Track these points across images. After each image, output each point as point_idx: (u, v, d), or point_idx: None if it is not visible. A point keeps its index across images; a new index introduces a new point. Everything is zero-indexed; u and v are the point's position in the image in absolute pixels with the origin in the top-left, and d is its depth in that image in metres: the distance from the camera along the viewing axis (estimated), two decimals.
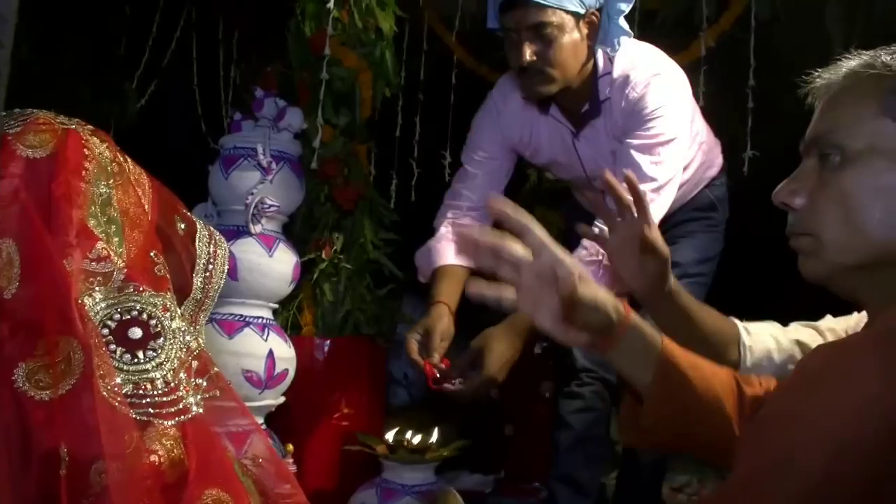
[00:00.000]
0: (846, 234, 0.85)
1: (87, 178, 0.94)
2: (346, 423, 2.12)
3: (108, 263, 0.88)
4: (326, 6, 2.12)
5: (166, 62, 3.31)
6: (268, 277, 1.95)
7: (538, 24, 1.68)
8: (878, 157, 0.84)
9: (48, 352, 0.78)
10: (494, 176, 1.97)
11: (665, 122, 1.73)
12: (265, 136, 1.98)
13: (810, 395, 0.69)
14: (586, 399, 2.09)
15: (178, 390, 0.82)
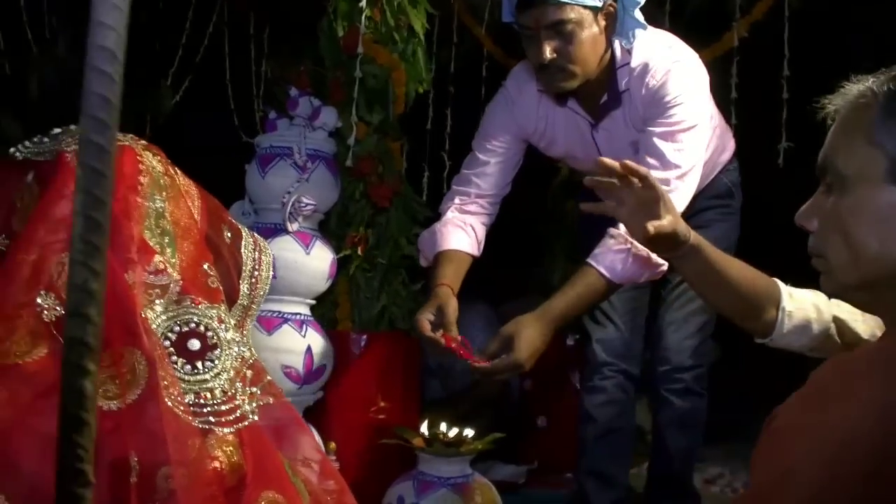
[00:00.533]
0: (847, 258, 0.91)
1: (142, 192, 0.98)
2: (382, 417, 2.15)
3: (165, 276, 0.92)
4: (359, 5, 2.13)
5: (199, 59, 3.35)
6: (305, 274, 1.99)
7: (557, 22, 1.66)
8: (867, 185, 0.88)
9: (114, 363, 0.82)
10: (505, 165, 1.96)
11: (686, 108, 1.71)
12: (300, 134, 2.01)
13: (815, 409, 0.74)
14: (609, 392, 2.11)
15: (235, 399, 0.86)
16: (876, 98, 0.88)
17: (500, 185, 1.97)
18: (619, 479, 2.11)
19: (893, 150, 0.86)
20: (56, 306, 0.83)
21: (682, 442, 2.13)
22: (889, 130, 0.86)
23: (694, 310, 2.08)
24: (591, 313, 2.17)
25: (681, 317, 2.08)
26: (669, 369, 2.10)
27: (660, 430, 2.14)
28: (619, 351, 2.13)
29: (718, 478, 2.88)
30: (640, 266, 1.63)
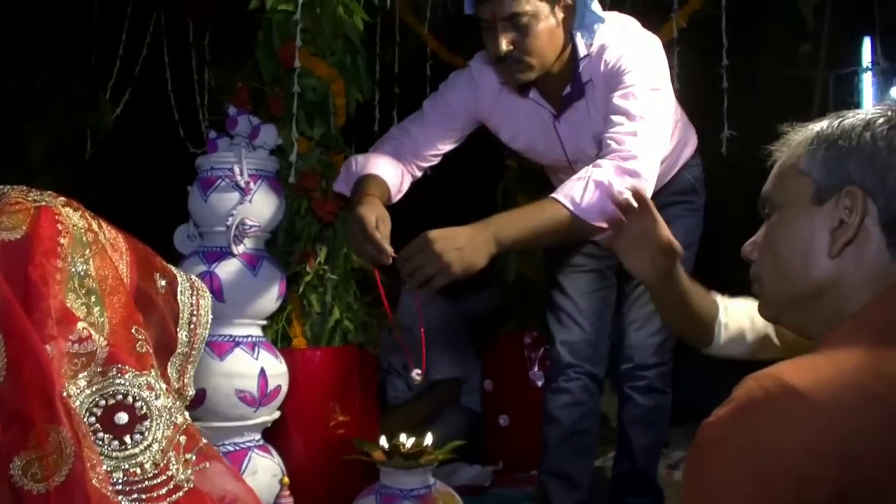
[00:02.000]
0: (777, 277, 0.98)
1: (62, 254, 0.95)
2: (341, 431, 2.15)
3: (90, 343, 0.90)
4: (293, 17, 2.10)
5: (138, 70, 3.28)
6: (254, 296, 1.97)
7: (513, 14, 1.69)
8: (795, 207, 0.95)
9: (39, 443, 0.80)
10: (449, 133, 1.96)
11: (644, 73, 1.73)
12: (241, 155, 1.98)
13: (740, 422, 0.79)
14: (574, 394, 2.14)
15: (168, 469, 0.84)
16: (806, 136, 0.96)
17: (434, 150, 1.96)
18: (582, 481, 2.14)
19: (818, 176, 0.93)
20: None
21: (646, 439, 2.16)
22: (814, 159, 0.94)
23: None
24: (556, 314, 2.19)
25: (644, 314, 2.11)
26: (633, 367, 2.13)
27: (624, 428, 2.17)
28: (583, 353, 2.15)
29: (681, 462, 2.92)
30: (601, 195, 1.58)
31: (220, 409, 1.92)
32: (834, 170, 0.91)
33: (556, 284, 2.20)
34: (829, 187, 0.92)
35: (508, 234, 1.56)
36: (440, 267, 1.48)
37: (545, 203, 1.62)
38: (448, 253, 1.47)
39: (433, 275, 1.48)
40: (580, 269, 2.18)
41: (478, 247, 1.51)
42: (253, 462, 1.95)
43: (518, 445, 2.75)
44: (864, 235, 0.90)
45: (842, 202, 0.90)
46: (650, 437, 2.17)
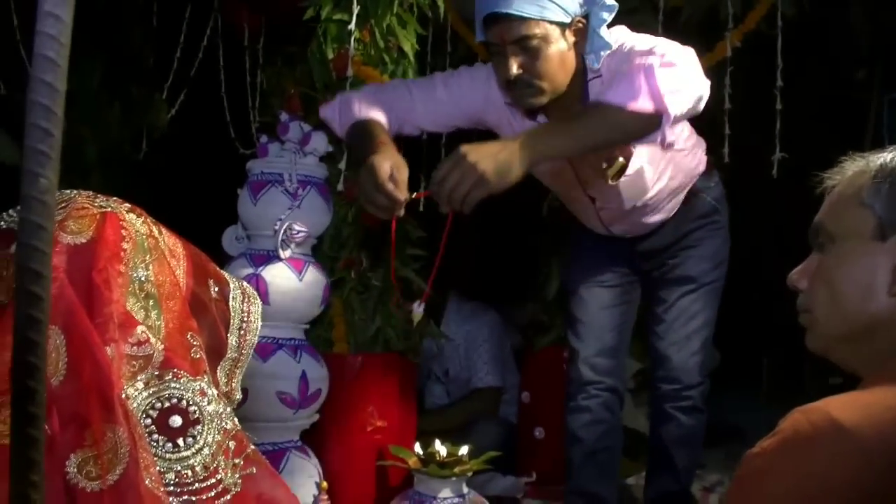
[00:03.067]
0: (831, 311, 0.96)
1: (125, 259, 0.99)
2: (378, 437, 2.17)
3: (148, 346, 0.93)
4: (348, 27, 2.14)
5: (194, 72, 3.36)
6: (298, 301, 2.01)
7: (523, 38, 1.64)
8: (855, 241, 0.94)
9: (96, 442, 0.83)
10: (447, 120, 1.91)
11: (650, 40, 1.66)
12: (291, 161, 2.02)
13: (788, 454, 0.79)
14: (594, 412, 2.13)
15: (217, 473, 0.87)
16: (868, 166, 0.94)
17: (429, 124, 1.90)
18: (607, 499, 2.14)
19: (881, 210, 0.91)
20: None
21: (687, 459, 2.15)
22: (878, 192, 0.92)
23: (696, 327, 2.10)
24: (576, 329, 2.18)
25: (683, 335, 2.10)
26: (679, 388, 2.10)
27: (665, 447, 2.14)
28: (604, 368, 2.15)
29: (717, 485, 2.89)
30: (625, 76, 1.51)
31: (261, 410, 1.96)
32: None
33: (577, 298, 2.19)
34: (893, 223, 0.90)
35: (545, 140, 1.49)
36: (476, 178, 1.40)
37: (578, 112, 1.58)
38: (483, 161, 1.41)
39: (470, 189, 1.42)
40: (603, 283, 2.18)
41: (512, 155, 1.43)
42: (290, 462, 1.98)
43: (552, 458, 2.74)
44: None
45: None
46: (692, 457, 2.16)
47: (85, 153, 3.23)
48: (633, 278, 2.20)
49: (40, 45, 0.33)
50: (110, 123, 3.27)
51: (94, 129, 3.27)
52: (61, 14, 0.32)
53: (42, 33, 0.33)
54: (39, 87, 0.33)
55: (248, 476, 0.91)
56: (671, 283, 2.10)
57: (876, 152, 0.95)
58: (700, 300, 2.09)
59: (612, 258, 2.17)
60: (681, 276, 2.09)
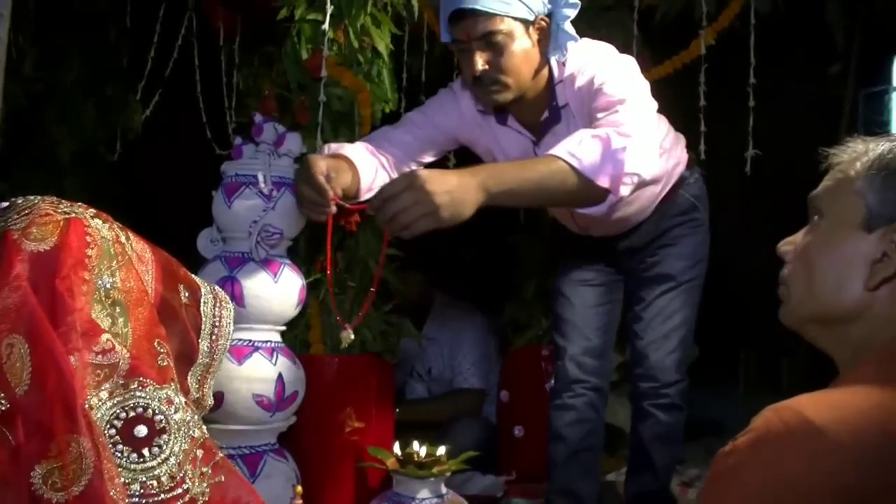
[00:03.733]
0: (805, 292, 0.96)
1: (90, 266, 0.98)
2: (356, 438, 2.17)
3: (113, 355, 0.92)
4: (322, 27, 2.13)
5: (169, 72, 3.33)
6: (274, 302, 1.99)
7: (488, 34, 1.67)
8: (842, 227, 0.93)
9: (60, 453, 0.82)
10: (429, 148, 1.95)
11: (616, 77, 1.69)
12: (265, 162, 2.00)
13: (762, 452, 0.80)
14: (579, 411, 2.14)
15: (183, 483, 0.86)
16: (868, 154, 0.94)
17: (414, 157, 1.93)
18: (588, 497, 2.15)
19: (872, 201, 0.91)
20: (2, 400, 0.84)
21: (667, 456, 2.16)
22: (871, 183, 0.92)
23: (674, 326, 2.11)
24: (562, 328, 2.19)
25: (661, 334, 2.11)
26: (657, 386, 2.11)
27: (644, 445, 2.15)
28: (590, 366, 2.16)
29: (696, 480, 2.91)
30: (601, 149, 1.53)
31: (238, 413, 1.94)
32: (890, 201, 0.90)
33: (562, 297, 2.20)
34: (881, 216, 0.90)
35: (501, 183, 1.47)
36: (429, 209, 1.38)
37: (543, 157, 1.57)
38: (439, 195, 1.38)
39: (419, 217, 1.39)
40: (588, 282, 2.19)
41: (467, 193, 1.42)
42: (268, 466, 1.97)
43: (532, 456, 2.74)
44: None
45: (889, 235, 0.89)
46: (671, 455, 2.17)
47: (59, 153, 3.20)
48: (617, 277, 2.21)
49: None
50: (84, 123, 3.24)
51: (69, 129, 3.24)
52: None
53: None
54: None
55: (216, 484, 0.91)
56: (650, 281, 2.11)
57: (881, 137, 0.95)
58: (678, 298, 2.10)
59: (594, 257, 2.18)
60: (659, 274, 2.10)
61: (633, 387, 2.17)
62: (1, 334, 0.87)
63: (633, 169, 1.55)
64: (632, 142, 1.55)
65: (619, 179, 1.53)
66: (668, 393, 2.11)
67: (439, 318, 3.17)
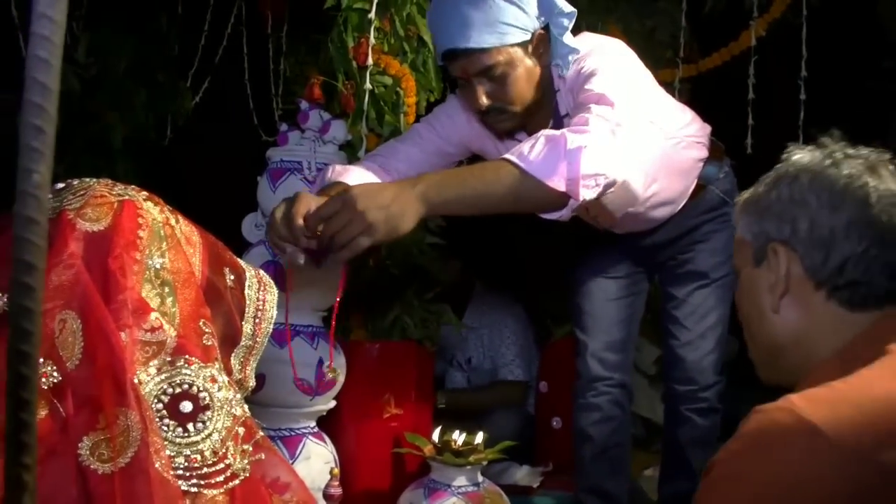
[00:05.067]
0: (750, 340, 1.05)
1: (141, 247, 1.01)
2: (394, 424, 2.19)
3: (161, 333, 0.95)
4: (368, 16, 2.15)
5: (218, 59, 3.39)
6: (316, 287, 2.02)
7: (486, 69, 1.59)
8: (744, 272, 1.03)
9: (108, 425, 0.85)
10: (440, 159, 1.86)
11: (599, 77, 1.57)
12: (311, 149, 2.03)
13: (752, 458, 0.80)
14: (604, 409, 2.09)
15: (225, 458, 0.89)
16: (740, 202, 1.05)
17: (419, 170, 1.80)
18: (620, 495, 2.13)
19: (751, 238, 1.00)
20: (54, 372, 0.87)
21: (703, 458, 2.10)
22: (744, 225, 1.02)
23: (710, 325, 2.05)
24: (583, 322, 2.12)
25: (697, 333, 2.05)
26: (695, 389, 2.05)
27: (681, 448, 2.10)
28: (612, 362, 2.10)
29: None
30: (552, 148, 1.40)
31: (278, 395, 1.98)
32: (757, 233, 0.99)
33: (582, 288, 2.13)
34: (759, 249, 0.98)
35: (440, 193, 1.38)
36: (364, 227, 1.32)
37: (491, 162, 1.50)
38: (372, 211, 1.32)
39: (354, 236, 1.33)
40: (609, 274, 2.12)
41: (405, 206, 1.35)
42: (307, 448, 2.00)
43: (569, 448, 2.74)
44: (797, 286, 0.95)
45: (770, 260, 0.97)
46: (707, 456, 2.12)
47: (111, 138, 3.28)
48: (639, 269, 2.15)
49: (34, 45, 0.34)
50: (136, 109, 3.31)
51: (121, 115, 3.31)
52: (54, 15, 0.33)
53: (36, 34, 0.34)
54: (33, 86, 0.34)
55: (256, 462, 0.93)
56: (682, 278, 2.05)
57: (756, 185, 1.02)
58: (713, 296, 2.04)
59: (617, 252, 2.11)
60: (692, 271, 2.04)
61: (669, 388, 2.11)
62: (54, 310, 0.90)
63: (594, 170, 1.40)
64: (590, 140, 1.41)
65: (576, 182, 1.39)
66: (707, 396, 2.05)
67: (479, 307, 3.18)
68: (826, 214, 0.93)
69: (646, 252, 2.09)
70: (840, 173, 0.93)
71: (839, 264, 0.92)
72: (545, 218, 1.50)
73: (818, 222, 0.93)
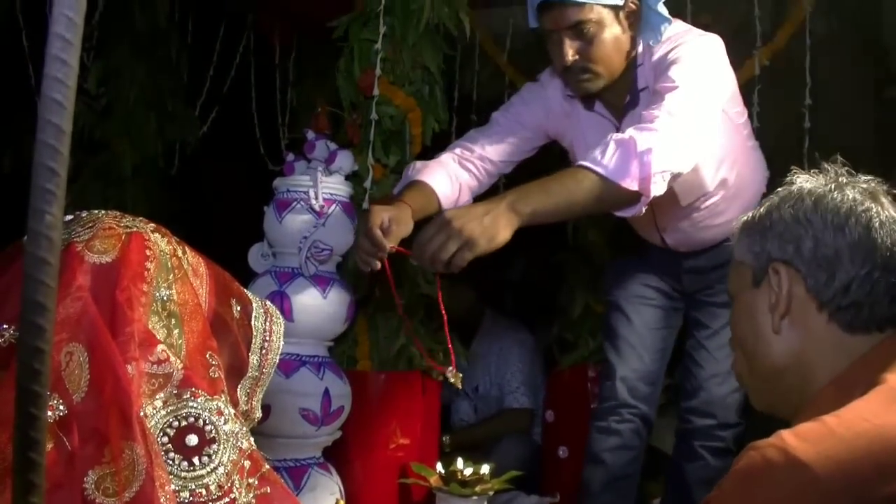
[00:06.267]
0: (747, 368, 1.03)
1: (148, 279, 1.01)
2: (401, 455, 2.18)
3: (168, 365, 0.95)
4: (375, 47, 2.16)
5: (227, 88, 3.42)
6: (322, 318, 2.02)
7: (577, 23, 1.67)
8: (741, 296, 1.03)
9: (114, 458, 0.85)
10: (518, 146, 1.93)
11: (680, 66, 1.63)
12: (317, 179, 2.04)
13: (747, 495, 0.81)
14: (624, 437, 2.03)
15: (231, 492, 0.88)
16: (736, 228, 1.05)
17: (505, 157, 1.93)
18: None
19: (751, 261, 1.00)
20: (60, 405, 0.87)
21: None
22: (742, 247, 1.02)
23: None
24: (617, 345, 2.07)
25: (725, 367, 1.91)
26: (714, 425, 1.98)
27: (687, 487, 2.02)
28: (642, 392, 2.05)
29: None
30: (624, 152, 1.50)
31: (284, 426, 1.97)
32: (758, 252, 0.99)
33: (620, 313, 2.09)
34: (760, 269, 0.98)
35: (528, 203, 1.48)
36: (463, 241, 1.42)
37: (568, 170, 1.56)
38: (469, 225, 1.42)
39: (456, 251, 1.43)
40: (649, 302, 2.09)
41: (498, 218, 1.45)
42: (312, 479, 1.99)
43: (576, 477, 2.72)
44: (798, 306, 0.95)
45: (771, 280, 0.96)
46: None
47: (121, 166, 3.30)
48: (677, 303, 2.09)
49: (48, 87, 0.35)
50: (145, 138, 3.34)
51: (130, 143, 3.34)
52: (68, 58, 0.34)
53: (49, 77, 0.34)
54: (47, 127, 0.35)
55: (262, 496, 0.93)
56: (717, 306, 1.97)
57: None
58: None
59: (657, 274, 2.08)
60: (728, 302, 1.98)
61: (684, 421, 2.03)
62: (61, 342, 0.90)
63: (662, 167, 1.52)
64: (658, 139, 1.51)
65: (647, 180, 1.50)
66: (725, 436, 1.97)
67: (488, 335, 3.17)
68: (831, 235, 0.93)
69: (686, 277, 2.04)
70: (845, 197, 0.95)
71: (845, 285, 0.92)
72: (618, 216, 1.61)
73: (823, 242, 0.93)
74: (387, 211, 1.62)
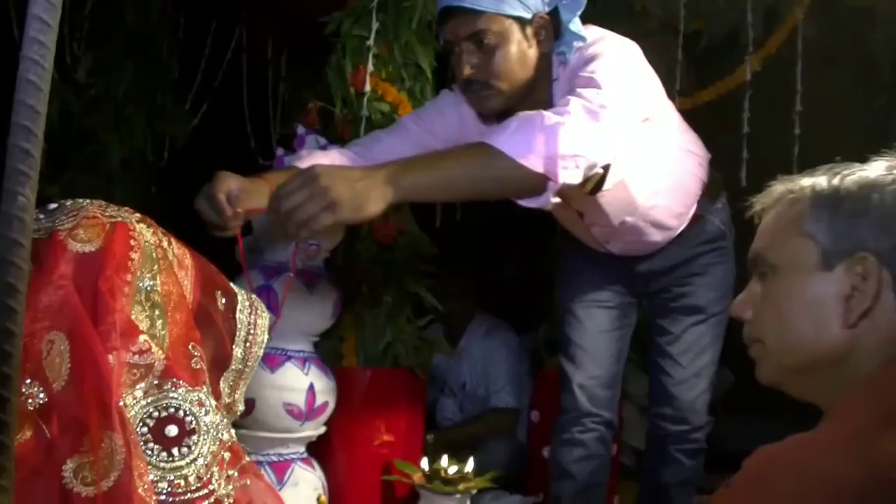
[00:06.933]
0: (784, 343, 0.93)
1: (132, 269, 1.00)
2: (385, 451, 2.18)
3: (150, 356, 0.94)
4: (367, 42, 2.16)
5: (218, 83, 3.41)
6: (309, 313, 2.02)
7: (476, 33, 1.52)
8: (799, 272, 0.91)
9: (92, 447, 0.84)
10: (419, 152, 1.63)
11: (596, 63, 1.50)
12: None
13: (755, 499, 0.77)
14: (589, 447, 2.00)
15: (210, 483, 0.88)
16: (803, 192, 0.91)
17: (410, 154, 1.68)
18: None
19: (823, 240, 0.89)
20: (40, 394, 0.86)
21: (687, 497, 2.04)
22: (817, 221, 0.89)
23: (705, 363, 1.97)
24: (572, 353, 2.03)
25: (693, 372, 1.96)
26: (687, 430, 1.97)
27: (664, 489, 2.02)
28: (602, 399, 2.01)
29: None
30: (529, 128, 1.35)
31: (268, 420, 1.97)
32: (843, 234, 0.88)
33: (572, 316, 2.02)
34: (838, 252, 0.88)
35: (410, 176, 1.30)
36: (326, 203, 1.22)
37: (466, 145, 1.42)
38: (338, 187, 1.23)
39: (316, 214, 1.23)
40: (602, 304, 2.02)
41: (372, 188, 1.25)
42: (295, 474, 1.99)
43: None
44: (878, 303, 0.86)
45: (854, 269, 0.87)
46: (689, 495, 2.07)
47: (109, 159, 3.29)
48: (631, 300, 2.05)
49: (24, 69, 0.34)
50: (134, 131, 3.32)
51: (119, 136, 3.32)
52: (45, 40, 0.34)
53: (26, 58, 0.34)
54: (21, 109, 0.35)
55: (242, 488, 0.92)
56: (677, 312, 1.96)
57: (804, 175, 0.93)
58: (709, 333, 1.95)
59: (609, 277, 2.01)
60: (688, 305, 1.95)
61: (657, 427, 2.01)
62: (42, 330, 0.90)
63: (573, 150, 1.36)
64: (569, 119, 1.37)
65: (554, 161, 1.34)
66: (698, 437, 1.98)
67: (477, 333, 3.18)
68: None
69: (640, 280, 2.00)
70: None
71: None
72: (525, 206, 1.43)
73: None
74: (237, 181, 1.44)
